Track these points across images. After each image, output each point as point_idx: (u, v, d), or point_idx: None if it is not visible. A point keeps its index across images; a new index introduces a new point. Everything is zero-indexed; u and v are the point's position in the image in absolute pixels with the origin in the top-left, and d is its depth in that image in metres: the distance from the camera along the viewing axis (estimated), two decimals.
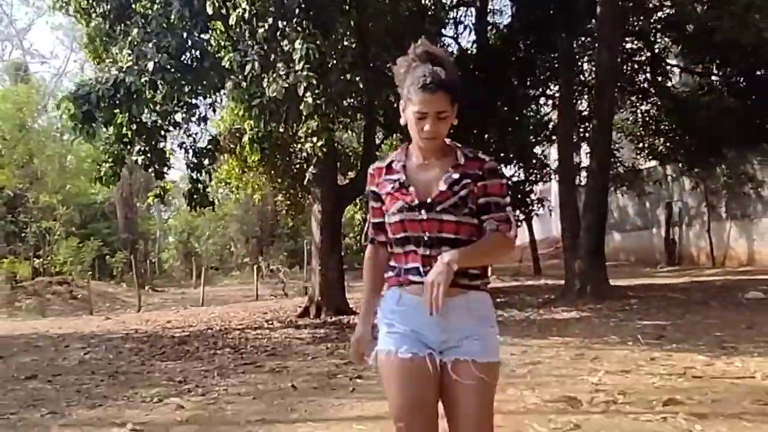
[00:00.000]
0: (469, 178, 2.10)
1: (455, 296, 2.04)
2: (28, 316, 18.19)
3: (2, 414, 5.26)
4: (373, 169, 2.29)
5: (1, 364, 8.58)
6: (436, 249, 2.07)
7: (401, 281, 2.14)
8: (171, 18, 10.10)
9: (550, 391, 4.74)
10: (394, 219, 2.13)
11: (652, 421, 3.84)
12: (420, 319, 2.05)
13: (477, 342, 2.07)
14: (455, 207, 2.08)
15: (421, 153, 2.16)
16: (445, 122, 2.09)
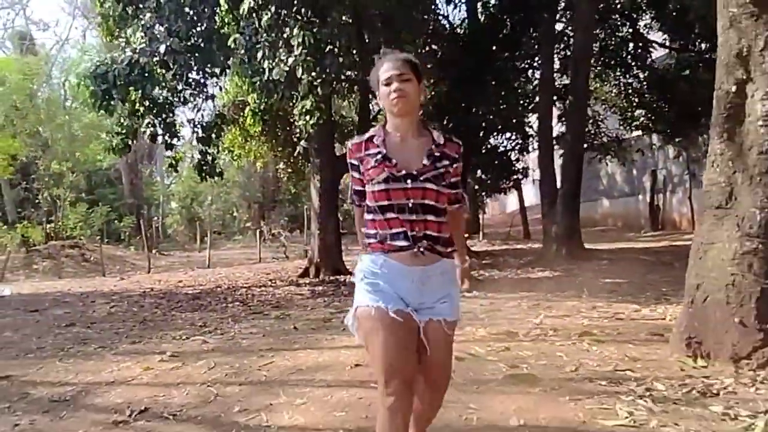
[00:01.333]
0: (448, 159, 2.44)
1: (434, 263, 2.41)
2: (45, 278, 19.59)
3: (61, 348, 6.60)
4: (352, 144, 2.55)
5: (39, 315, 9.88)
6: (420, 215, 2.38)
7: (385, 248, 2.42)
8: (183, 3, 11.24)
9: (497, 329, 6.04)
10: (379, 188, 2.40)
11: (565, 345, 5.14)
12: (402, 283, 2.37)
13: (447, 304, 2.42)
14: (436, 178, 2.39)
15: (398, 127, 2.48)
16: (410, 84, 2.41)
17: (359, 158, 2.48)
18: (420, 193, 2.36)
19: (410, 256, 2.37)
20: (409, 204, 2.36)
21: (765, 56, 4.28)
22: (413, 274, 2.37)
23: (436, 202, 2.40)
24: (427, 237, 2.38)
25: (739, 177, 4.39)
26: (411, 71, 2.41)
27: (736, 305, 4.29)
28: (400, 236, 2.38)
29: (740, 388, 3.73)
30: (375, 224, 2.45)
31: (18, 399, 4.55)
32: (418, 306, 2.40)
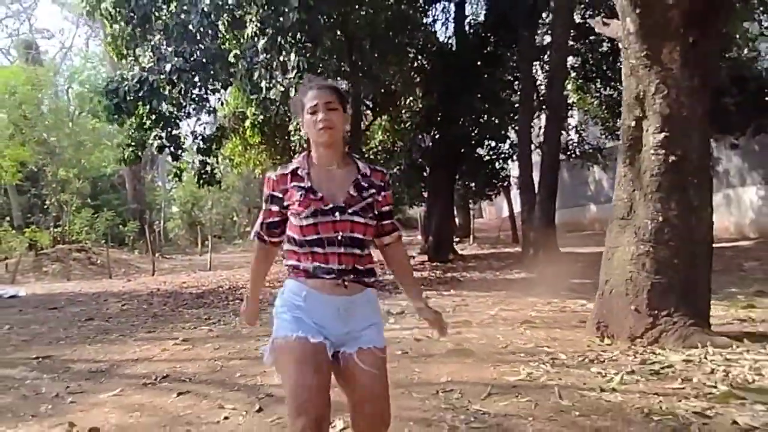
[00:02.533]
0: (374, 188, 2.42)
1: (358, 293, 2.38)
2: (54, 280, 20.79)
3: (87, 336, 7.81)
4: (276, 176, 2.47)
5: (58, 312, 11.08)
6: (348, 248, 2.34)
7: (309, 276, 2.37)
8: (189, 27, 12.47)
9: (458, 318, 7.24)
10: (308, 222, 2.33)
11: (505, 330, 6.34)
12: (326, 313, 2.33)
13: (375, 330, 2.39)
14: (364, 210, 2.37)
15: (322, 157, 2.44)
16: (336, 113, 2.38)
17: (283, 190, 2.44)
18: (348, 226, 2.35)
19: (333, 286, 2.35)
20: (338, 237, 2.35)
21: (656, 99, 5.48)
22: (337, 303, 2.35)
23: (364, 235, 2.40)
24: (354, 270, 2.37)
25: (637, 194, 5.59)
26: (337, 100, 2.41)
27: (632, 296, 5.49)
28: (325, 270, 2.35)
29: (622, 357, 4.93)
30: (298, 256, 2.41)
31: (62, 371, 5.75)
32: (343, 336, 2.37)
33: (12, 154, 24.09)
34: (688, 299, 5.39)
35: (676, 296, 5.37)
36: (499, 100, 17.56)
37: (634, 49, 5.58)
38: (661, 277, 5.40)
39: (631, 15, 5.50)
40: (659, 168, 5.45)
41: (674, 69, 5.44)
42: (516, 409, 3.81)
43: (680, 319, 5.30)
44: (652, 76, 5.50)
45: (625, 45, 5.71)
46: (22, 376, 5.65)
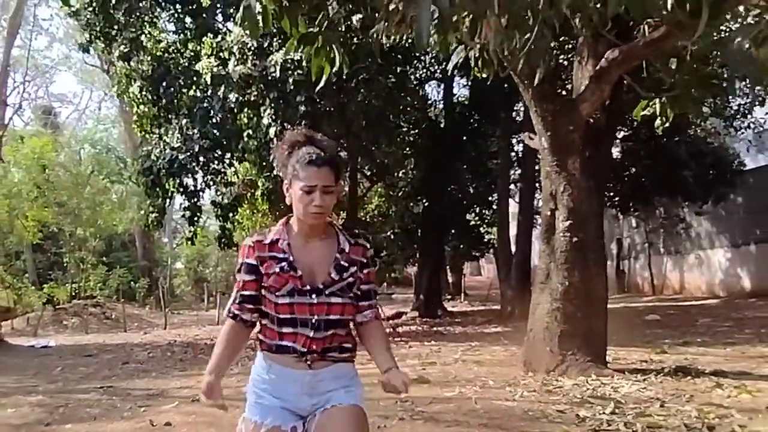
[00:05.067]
0: (355, 265, 2.40)
1: (324, 368, 2.37)
2: (74, 333, 22.90)
3: (131, 375, 9.94)
4: (252, 242, 2.41)
5: (93, 358, 13.18)
6: (322, 332, 2.34)
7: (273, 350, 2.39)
8: (211, 113, 14.90)
9: (429, 360, 9.38)
10: (283, 301, 2.32)
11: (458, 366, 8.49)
12: (290, 389, 2.37)
13: (342, 391, 2.39)
14: (342, 291, 2.36)
15: (305, 230, 2.39)
16: (331, 196, 2.32)
17: (260, 258, 2.38)
18: (324, 309, 2.33)
19: (297, 362, 2.36)
20: (312, 320, 2.33)
21: (564, 196, 7.74)
22: (302, 378, 2.36)
23: (341, 315, 2.38)
24: (322, 351, 2.37)
25: (552, 265, 7.79)
26: (335, 180, 2.35)
27: (548, 340, 7.64)
28: (288, 348, 2.36)
29: (533, 383, 7.07)
30: (268, 331, 2.42)
31: (126, 396, 7.88)
32: (310, 408, 2.39)
33: (34, 215, 26.50)
34: (587, 342, 7.55)
35: (579, 340, 7.53)
36: (484, 170, 19.94)
37: (548, 160, 7.88)
38: (568, 327, 7.57)
39: (544, 135, 7.82)
40: (566, 246, 7.66)
41: (576, 174, 7.72)
42: (445, 409, 5.96)
43: (581, 357, 7.45)
44: (561, 179, 7.78)
45: (542, 156, 8.02)
46: (96, 398, 7.79)
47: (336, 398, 2.38)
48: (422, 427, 5.34)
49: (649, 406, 5.69)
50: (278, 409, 2.39)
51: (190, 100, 15.38)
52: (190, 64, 15.32)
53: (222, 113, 14.65)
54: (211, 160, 15.59)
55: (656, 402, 5.82)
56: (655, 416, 5.32)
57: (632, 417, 5.31)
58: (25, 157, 26.14)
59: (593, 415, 5.43)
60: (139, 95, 16.30)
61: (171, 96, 15.64)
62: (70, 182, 28.90)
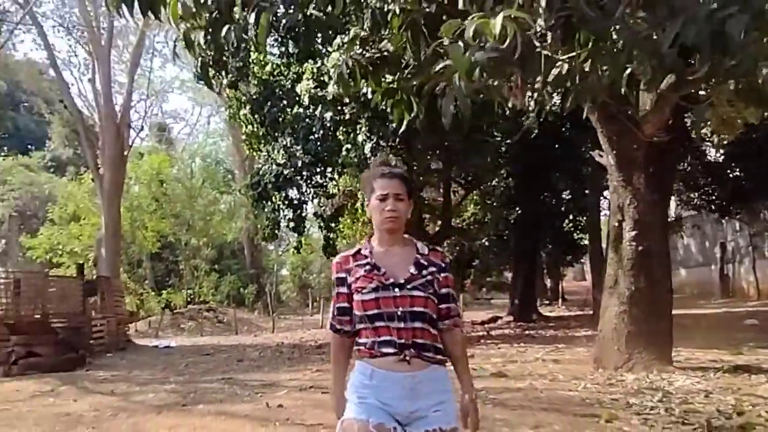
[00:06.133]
0: (434, 267, 2.61)
1: (423, 370, 2.52)
2: (191, 335, 25.17)
3: (246, 370, 11.47)
4: (340, 258, 2.72)
5: (211, 357, 14.91)
6: (409, 323, 2.51)
7: (373, 353, 2.53)
8: (312, 131, 16.42)
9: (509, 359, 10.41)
10: (369, 297, 2.54)
11: (538, 365, 9.47)
12: (391, 393, 2.49)
13: (440, 413, 2.50)
14: (424, 286, 2.55)
15: (384, 240, 2.67)
16: (403, 204, 2.62)
17: (347, 270, 2.64)
18: (408, 301, 2.50)
19: (397, 363, 2.49)
20: (398, 312, 2.49)
21: (630, 208, 8.62)
22: (403, 380, 2.49)
23: (425, 308, 2.54)
24: (415, 345, 2.50)
25: (620, 272, 8.69)
26: (405, 191, 2.63)
27: (616, 340, 8.54)
28: (387, 344, 2.50)
29: (598, 377, 8.01)
30: (365, 333, 2.58)
31: (244, 386, 9.34)
32: (410, 416, 2.51)
33: (153, 226, 29.19)
34: (652, 342, 8.41)
35: (644, 340, 8.41)
36: (578, 177, 20.59)
37: (614, 175, 8.80)
38: (635, 328, 8.45)
39: (610, 153, 8.75)
40: (632, 254, 8.55)
41: (641, 189, 8.60)
42: (513, 397, 7.03)
43: (646, 355, 8.32)
44: (627, 193, 8.67)
45: (609, 171, 8.93)
46: (219, 387, 9.30)
47: (438, 420, 2.49)
48: (490, 410, 6.42)
49: (694, 396, 6.56)
50: (380, 410, 2.50)
51: (293, 119, 16.93)
52: (292, 86, 16.89)
53: (322, 130, 16.15)
54: (313, 174, 17.10)
55: (702, 393, 6.68)
56: (696, 404, 6.21)
57: (675, 405, 6.20)
58: (144, 173, 28.89)
59: (641, 402, 6.37)
60: (246, 116, 18.04)
61: (275, 116, 17.25)
62: (184, 195, 31.56)
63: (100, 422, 7.02)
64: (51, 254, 29.57)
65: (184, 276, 31.53)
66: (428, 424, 2.48)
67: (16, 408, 8.30)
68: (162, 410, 7.57)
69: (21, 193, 36.57)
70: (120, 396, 8.95)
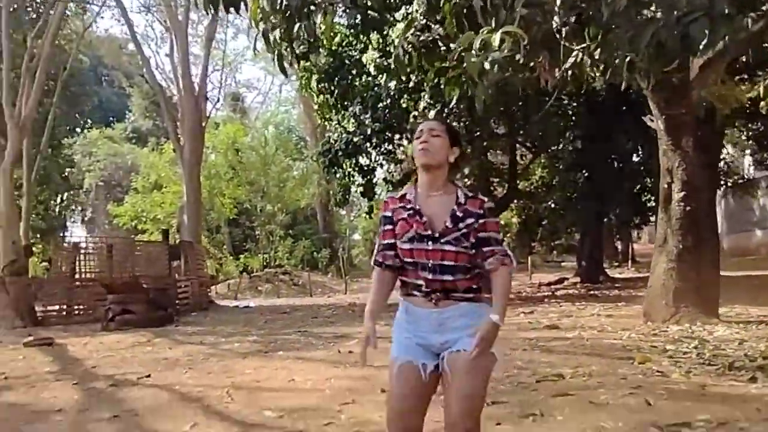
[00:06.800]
0: (471, 216, 2.69)
1: (449, 307, 2.70)
2: (268, 297, 26.66)
3: (320, 324, 12.56)
4: (388, 198, 2.89)
5: (287, 315, 16.11)
6: (438, 275, 2.68)
7: (409, 292, 2.78)
8: (381, 98, 17.24)
9: (566, 314, 11.12)
10: (405, 247, 2.72)
11: (590, 320, 10.18)
12: (424, 326, 2.74)
13: (467, 339, 2.63)
14: (457, 240, 2.67)
15: (425, 181, 2.78)
16: (438, 140, 2.72)
17: (393, 210, 2.79)
18: (439, 255, 2.66)
19: (426, 301, 2.71)
20: (428, 264, 2.67)
21: (679, 171, 9.17)
22: (431, 316, 2.71)
23: (455, 261, 2.67)
24: (443, 290, 2.69)
25: (668, 231, 9.28)
26: (444, 131, 2.76)
27: (664, 295, 9.18)
28: (418, 287, 2.73)
29: (645, 329, 8.69)
30: (406, 273, 2.79)
31: (318, 337, 10.39)
32: (441, 346, 2.71)
33: (230, 193, 30.75)
34: (699, 297, 9.02)
35: (691, 295, 9.02)
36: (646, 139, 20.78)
37: (664, 139, 9.35)
38: (682, 284, 9.07)
39: (660, 118, 9.29)
40: (680, 214, 9.13)
41: (689, 152, 9.13)
42: (561, 344, 7.81)
43: (692, 309, 8.94)
44: (676, 156, 9.22)
45: (659, 136, 9.47)
46: (296, 338, 10.39)
47: (463, 343, 2.64)
48: (539, 355, 7.22)
49: (728, 344, 7.20)
50: (413, 346, 2.73)
51: (362, 88, 17.76)
52: (360, 56, 17.71)
53: (389, 99, 16.95)
54: (382, 141, 17.94)
55: (736, 342, 7.30)
56: (727, 350, 6.85)
57: (708, 350, 6.86)
58: (220, 142, 30.39)
59: (676, 348, 7.05)
60: (318, 87, 18.98)
61: (345, 85, 18.13)
62: (258, 162, 32.99)
63: (194, 364, 8.14)
64: (136, 221, 31.60)
65: (260, 241, 33.14)
66: (456, 346, 2.66)
67: (119, 354, 9.54)
68: (247, 356, 8.66)
69: (106, 164, 38.90)
70: (209, 345, 10.13)
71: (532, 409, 4.80)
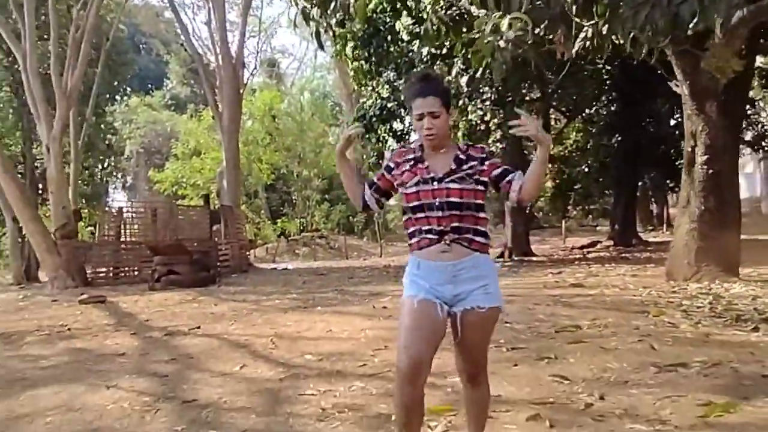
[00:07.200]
0: (474, 160, 2.84)
1: (464, 258, 2.80)
2: (305, 260, 27.46)
3: (356, 284, 13.19)
4: (396, 150, 3.06)
5: (324, 276, 16.79)
6: (446, 211, 2.80)
7: (419, 244, 2.86)
8: (414, 64, 17.63)
9: (592, 274, 11.58)
10: (411, 190, 2.85)
11: (615, 278, 10.63)
12: (436, 279, 2.80)
13: (481, 293, 2.78)
14: (461, 179, 2.81)
15: (429, 147, 2.90)
16: (440, 120, 2.83)
17: (396, 163, 2.95)
18: (444, 193, 2.78)
19: (439, 252, 2.79)
20: (435, 203, 2.78)
21: (702, 134, 9.50)
22: (444, 269, 2.79)
23: (461, 198, 2.79)
24: (453, 229, 2.79)
25: (691, 192, 9.64)
26: (441, 105, 2.84)
27: (686, 254, 9.58)
28: (428, 231, 2.80)
29: (665, 286, 9.12)
30: (410, 222, 2.92)
31: (354, 294, 11.01)
32: (453, 299, 2.81)
33: (267, 159, 31.45)
34: (720, 257, 9.40)
35: (713, 255, 9.42)
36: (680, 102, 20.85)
37: (688, 104, 9.67)
38: (704, 243, 9.46)
39: (685, 83, 9.60)
40: (703, 177, 9.48)
41: (713, 116, 9.45)
42: (583, 300, 8.31)
43: (714, 268, 9.35)
44: (700, 120, 9.54)
45: (684, 100, 9.79)
46: (333, 296, 11.02)
47: (476, 300, 2.78)
48: (560, 309, 7.73)
49: (742, 300, 7.62)
50: (428, 289, 2.79)
51: (396, 54, 18.16)
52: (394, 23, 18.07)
53: (422, 65, 17.32)
54: None
55: (750, 298, 7.72)
56: (740, 305, 7.27)
57: (721, 305, 7.30)
58: (257, 109, 31.03)
59: (691, 303, 7.51)
60: (353, 53, 19.40)
61: (380, 52, 18.53)
62: (294, 128, 33.62)
63: (239, 317, 8.82)
64: (176, 187, 32.56)
65: (296, 206, 33.93)
66: (467, 303, 2.77)
67: (169, 310, 10.27)
68: (287, 311, 9.32)
69: (146, 131, 39.89)
70: (251, 302, 10.82)
71: (548, 354, 5.33)
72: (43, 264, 17.00)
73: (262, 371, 5.40)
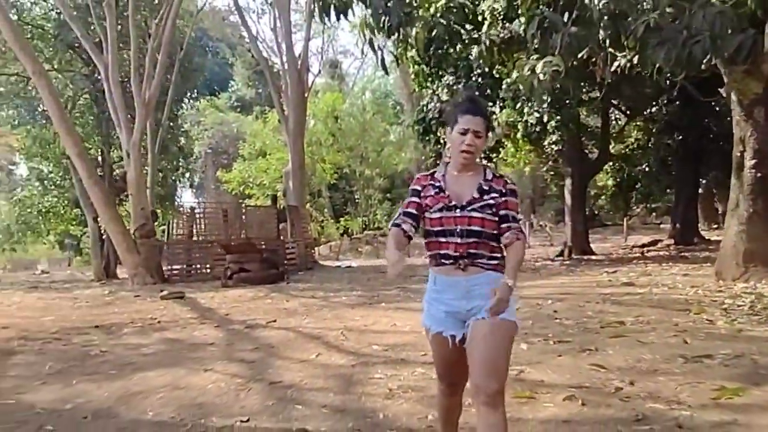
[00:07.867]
0: (495, 192, 3.00)
1: (478, 275, 2.96)
2: (367, 258, 28.35)
3: (420, 281, 13.96)
4: (420, 175, 3.18)
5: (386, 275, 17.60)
6: (465, 238, 2.94)
7: (437, 263, 3.02)
8: (473, 68, 18.31)
9: (644, 273, 12.08)
10: (435, 216, 3.00)
11: (666, 278, 11.14)
12: (450, 294, 2.99)
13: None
14: (482, 208, 2.96)
15: (457, 168, 3.05)
16: (480, 141, 2.99)
17: (423, 186, 3.09)
18: (466, 221, 2.93)
19: (454, 269, 2.96)
20: (456, 229, 2.93)
21: (751, 140, 9.95)
22: (458, 284, 2.96)
23: (482, 227, 2.95)
24: (469, 255, 2.94)
25: (740, 196, 10.10)
26: (484, 129, 3.00)
27: (735, 255, 10.04)
28: (447, 256, 2.97)
29: (713, 286, 9.61)
30: (430, 245, 3.05)
31: (415, 293, 11.78)
32: (467, 313, 2.98)
33: (330, 159, 32.52)
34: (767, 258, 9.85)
35: (761, 256, 9.86)
36: None
37: (737, 110, 10.13)
38: (752, 245, 9.92)
39: (733, 93, 10.06)
40: (752, 180, 9.93)
41: (761, 122, 9.89)
42: (631, 298, 8.90)
43: (761, 269, 9.79)
44: (749, 126, 9.99)
45: (732, 106, 10.25)
46: (396, 294, 11.82)
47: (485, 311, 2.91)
48: (609, 306, 8.35)
49: None
50: (442, 317, 3.02)
51: (455, 58, 18.82)
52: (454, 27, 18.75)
53: (480, 69, 17.98)
54: None
55: None
56: None
57: (762, 305, 7.81)
58: (320, 110, 32.10)
59: (733, 302, 8.03)
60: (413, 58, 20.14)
61: (439, 56, 19.22)
62: (357, 128, 34.60)
63: (310, 312, 9.71)
64: (243, 186, 33.93)
65: (359, 204, 34.94)
66: (480, 315, 2.92)
67: (244, 305, 11.24)
68: (354, 306, 10.18)
69: (213, 132, 41.47)
70: (320, 298, 11.73)
71: (590, 346, 6.00)
72: (124, 262, 18.26)
73: (335, 359, 6.23)
